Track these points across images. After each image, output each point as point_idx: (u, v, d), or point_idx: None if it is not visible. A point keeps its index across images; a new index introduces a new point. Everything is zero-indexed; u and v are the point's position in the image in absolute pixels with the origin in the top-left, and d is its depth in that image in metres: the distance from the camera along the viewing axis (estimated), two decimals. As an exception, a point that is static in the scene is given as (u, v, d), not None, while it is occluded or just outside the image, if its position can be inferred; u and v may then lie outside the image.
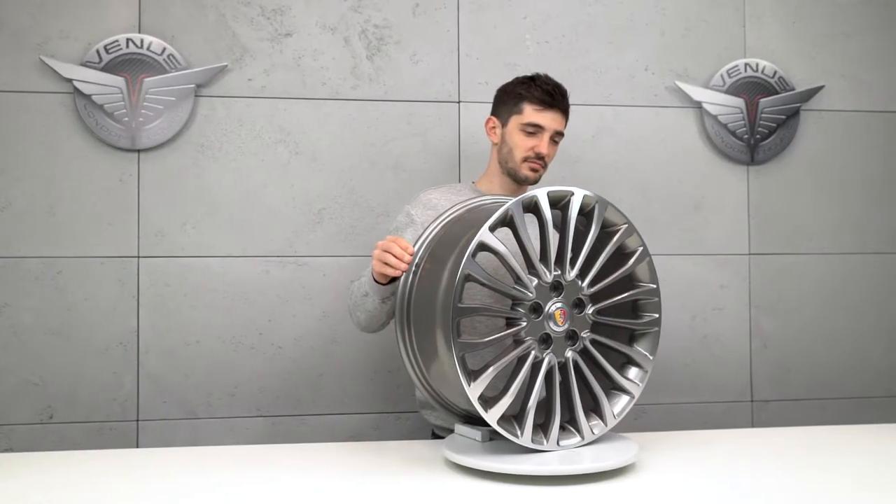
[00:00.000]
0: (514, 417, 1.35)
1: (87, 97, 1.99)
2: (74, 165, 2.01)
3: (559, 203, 1.39)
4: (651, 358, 1.45)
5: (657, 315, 1.45)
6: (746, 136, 2.25)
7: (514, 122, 1.69)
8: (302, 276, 2.09)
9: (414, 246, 1.42)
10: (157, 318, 2.03)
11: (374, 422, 2.12)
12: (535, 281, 1.34)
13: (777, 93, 2.27)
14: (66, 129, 2.01)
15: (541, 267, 1.33)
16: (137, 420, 2.02)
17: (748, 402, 2.26)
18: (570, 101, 2.18)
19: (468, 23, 2.17)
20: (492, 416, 1.28)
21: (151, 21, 2.04)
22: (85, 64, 2.00)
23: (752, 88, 2.26)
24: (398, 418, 2.12)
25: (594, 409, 1.41)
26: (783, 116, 2.27)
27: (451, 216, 1.47)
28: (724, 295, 2.26)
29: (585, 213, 1.41)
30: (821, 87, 2.29)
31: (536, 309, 1.34)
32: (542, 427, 1.36)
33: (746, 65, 2.26)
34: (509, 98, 1.71)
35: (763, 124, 2.26)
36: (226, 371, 2.05)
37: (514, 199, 1.31)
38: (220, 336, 2.05)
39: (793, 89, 2.27)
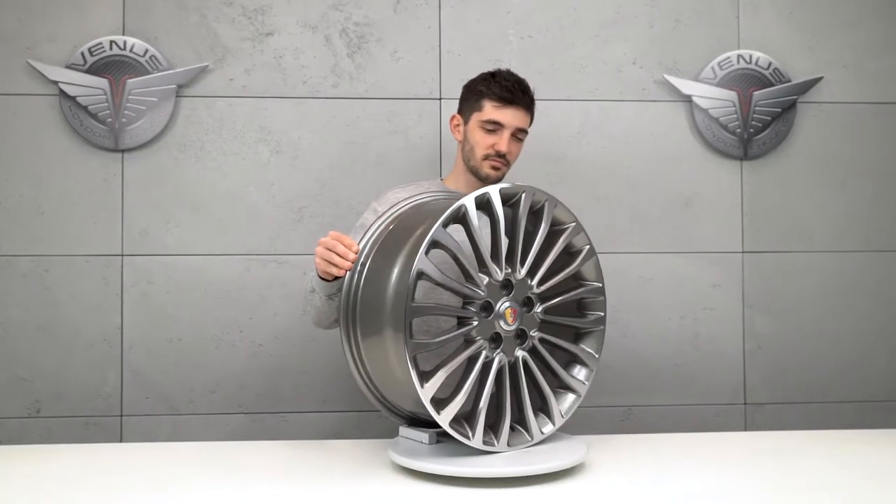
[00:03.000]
0: (464, 419, 1.33)
1: (72, 99, 2.04)
2: (61, 166, 2.06)
3: (510, 201, 1.37)
4: (597, 356, 1.44)
5: (602, 314, 1.45)
6: (739, 131, 2.18)
7: (475, 119, 1.66)
8: (283, 274, 2.10)
9: (359, 244, 1.41)
10: (141, 315, 2.07)
11: (355, 420, 2.11)
12: (487, 279, 1.32)
13: (772, 85, 2.19)
14: (52, 130, 2.05)
15: (492, 265, 1.31)
16: (121, 415, 2.06)
17: (741, 404, 2.19)
18: (554, 95, 2.17)
19: (450, 19, 2.15)
20: (444, 418, 1.26)
21: (135, 23, 2.08)
22: (70, 66, 2.04)
23: (745, 81, 2.18)
24: (379, 416, 2.11)
25: (542, 408, 1.39)
26: (778, 109, 2.19)
27: (397, 213, 1.46)
28: (717, 294, 2.19)
29: (535, 212, 1.39)
30: (819, 79, 2.20)
31: (487, 308, 1.32)
32: (491, 428, 1.34)
33: (739, 56, 2.18)
34: (471, 95, 1.68)
35: (757, 118, 2.18)
36: (207, 368, 2.08)
37: (467, 196, 1.30)
38: (201, 333, 2.08)
39: (789, 81, 2.19)
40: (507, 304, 1.32)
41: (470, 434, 1.28)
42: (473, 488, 1.23)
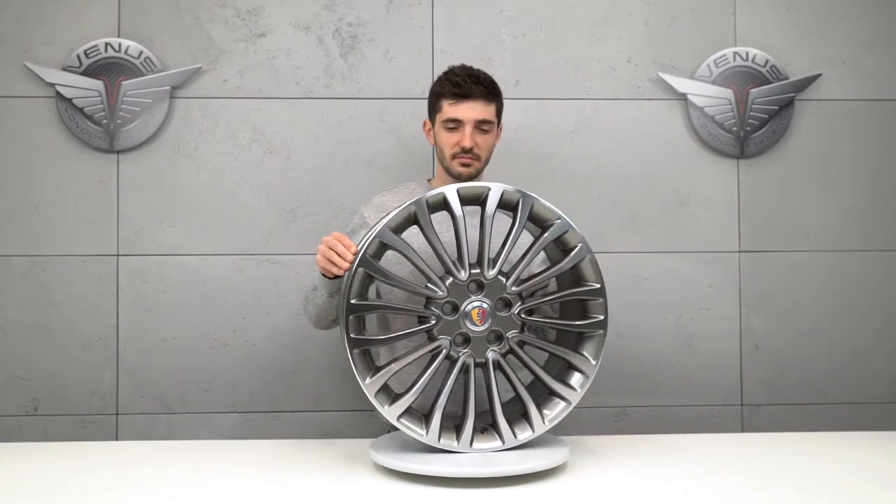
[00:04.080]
0: (427, 416, 1.33)
1: (69, 101, 2.06)
2: (57, 167, 2.08)
3: (479, 199, 1.36)
4: (594, 363, 1.37)
5: (602, 317, 1.38)
6: (735, 129, 2.15)
7: (438, 120, 1.67)
8: (276, 274, 2.10)
9: (358, 245, 1.42)
10: (136, 314, 2.09)
11: (347, 419, 2.12)
12: (451, 279, 1.32)
13: (769, 82, 2.16)
14: (49, 132, 2.08)
15: (451, 264, 1.31)
16: (117, 414, 2.08)
17: (738, 405, 2.16)
18: (547, 95, 2.16)
19: (442, 18, 2.15)
20: (392, 412, 1.27)
21: (130, 25, 2.10)
22: (66, 68, 2.06)
23: (741, 78, 2.16)
24: (371, 416, 2.11)
25: (525, 413, 1.37)
26: (776, 107, 2.16)
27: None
28: (713, 294, 2.17)
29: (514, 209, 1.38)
30: (818, 76, 2.17)
31: (455, 308, 1.32)
32: (458, 428, 1.34)
33: (735, 54, 2.16)
34: (432, 97, 1.69)
35: (754, 116, 2.16)
36: (201, 367, 2.09)
37: (417, 198, 1.30)
38: (195, 333, 2.09)
39: (786, 78, 2.16)
40: (475, 304, 1.31)
41: (425, 431, 1.28)
42: (457, 489, 1.22)
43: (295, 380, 2.11)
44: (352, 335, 1.28)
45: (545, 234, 1.36)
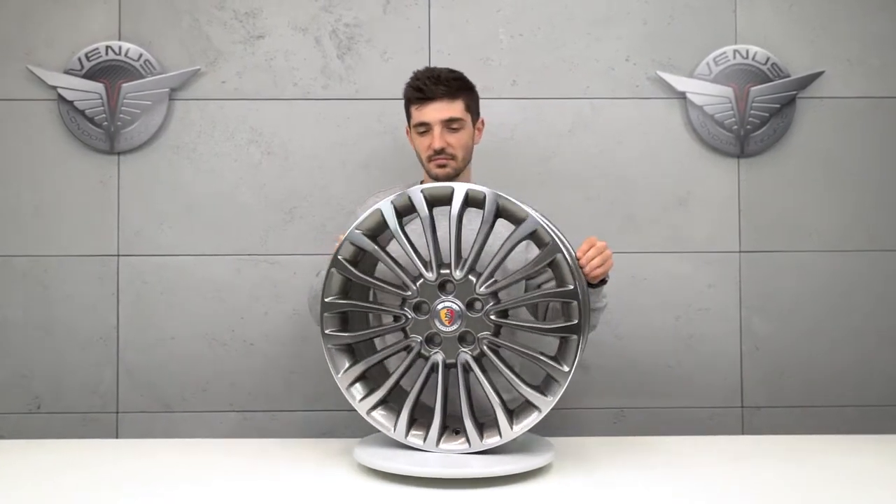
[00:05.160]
0: (398, 413, 1.36)
1: (70, 103, 2.09)
2: (60, 169, 2.11)
3: (448, 200, 1.36)
4: (566, 370, 1.28)
5: (574, 321, 1.29)
6: (735, 127, 2.13)
7: (411, 125, 1.68)
8: (273, 274, 2.12)
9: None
10: (135, 314, 2.11)
11: (344, 419, 2.12)
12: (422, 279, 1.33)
13: (770, 80, 2.13)
14: (51, 134, 2.11)
15: (420, 265, 1.32)
16: (117, 412, 2.11)
17: (738, 407, 2.14)
18: (545, 94, 2.15)
19: (439, 18, 2.15)
20: (363, 406, 1.33)
21: (131, 28, 2.12)
22: (68, 71, 2.09)
23: (741, 76, 2.13)
24: (368, 416, 2.12)
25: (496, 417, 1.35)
26: (777, 105, 2.13)
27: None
28: (712, 294, 2.15)
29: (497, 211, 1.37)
30: (820, 73, 2.14)
31: (426, 308, 1.33)
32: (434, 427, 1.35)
33: (736, 52, 2.14)
34: (404, 104, 1.70)
35: (754, 114, 2.13)
36: (200, 366, 2.11)
37: (384, 200, 1.32)
38: (194, 332, 2.11)
39: (788, 76, 2.14)
40: (444, 304, 1.31)
41: (392, 427, 1.32)
42: (437, 490, 1.23)
43: (292, 379, 2.12)
44: (325, 332, 1.33)
45: (513, 233, 1.32)
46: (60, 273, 2.10)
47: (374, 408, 1.36)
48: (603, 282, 1.48)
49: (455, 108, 1.61)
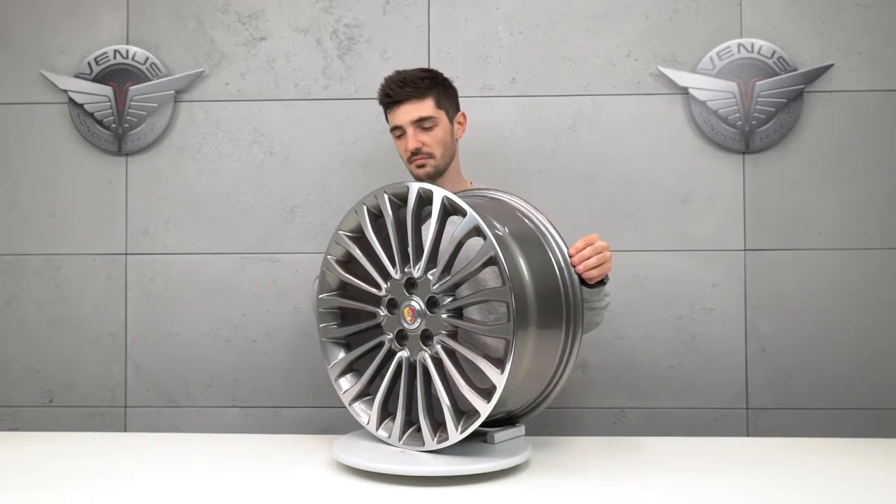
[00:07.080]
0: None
1: (80, 106, 2.15)
2: (71, 170, 2.18)
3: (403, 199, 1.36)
4: (500, 372, 1.21)
5: (504, 321, 1.24)
6: (740, 123, 2.09)
7: (390, 130, 1.71)
8: (275, 273, 2.15)
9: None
10: (143, 311, 2.17)
11: (344, 415, 2.13)
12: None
13: (776, 74, 2.08)
14: (63, 136, 2.18)
15: (388, 264, 1.34)
16: (125, 406, 2.17)
17: (743, 409, 2.10)
18: (544, 91, 2.14)
19: (439, 17, 2.15)
20: (346, 397, 1.41)
21: (138, 32, 2.18)
22: (78, 75, 2.16)
23: (746, 71, 2.09)
24: (368, 413, 2.14)
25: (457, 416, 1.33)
26: (783, 100, 2.08)
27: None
28: (716, 294, 2.11)
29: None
30: (829, 66, 2.08)
31: (396, 305, 1.36)
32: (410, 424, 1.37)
33: (740, 46, 2.09)
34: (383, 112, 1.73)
35: (759, 109, 2.08)
36: (204, 363, 2.16)
37: (359, 201, 1.35)
38: (198, 329, 2.16)
39: (794, 70, 2.08)
40: (408, 302, 1.32)
41: (366, 419, 1.39)
42: (422, 487, 1.22)
43: (293, 376, 2.15)
44: (320, 326, 1.44)
45: (455, 231, 1.29)
46: (73, 271, 2.17)
47: (354, 399, 1.41)
48: (602, 282, 1.46)
49: (425, 108, 1.63)
